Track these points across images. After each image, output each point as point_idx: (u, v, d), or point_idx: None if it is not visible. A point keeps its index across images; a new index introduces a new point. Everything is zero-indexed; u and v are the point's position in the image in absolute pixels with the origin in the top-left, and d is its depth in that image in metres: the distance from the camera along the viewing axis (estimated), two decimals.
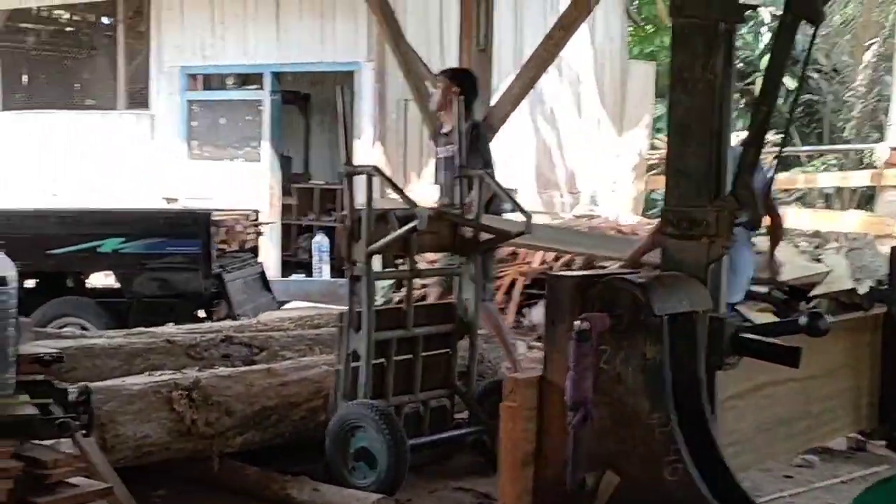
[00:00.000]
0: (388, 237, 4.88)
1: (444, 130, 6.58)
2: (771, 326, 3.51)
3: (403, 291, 9.35)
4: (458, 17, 8.78)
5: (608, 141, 16.10)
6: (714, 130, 3.12)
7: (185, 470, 4.90)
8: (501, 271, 9.81)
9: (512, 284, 9.63)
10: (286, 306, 10.63)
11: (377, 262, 5.00)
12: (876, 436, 5.07)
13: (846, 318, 4.72)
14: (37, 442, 3.56)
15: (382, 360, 5.03)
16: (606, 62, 16.28)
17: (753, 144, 3.07)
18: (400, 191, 5.05)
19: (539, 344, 8.81)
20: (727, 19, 3.06)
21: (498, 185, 5.40)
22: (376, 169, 4.98)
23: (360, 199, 4.92)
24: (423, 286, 9.73)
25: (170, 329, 5.99)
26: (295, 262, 13.25)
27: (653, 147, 16.92)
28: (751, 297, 6.78)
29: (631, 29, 20.01)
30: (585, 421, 2.75)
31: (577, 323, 2.75)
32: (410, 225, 4.82)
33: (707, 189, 3.11)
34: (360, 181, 4.97)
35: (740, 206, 3.11)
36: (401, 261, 5.23)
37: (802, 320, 3.15)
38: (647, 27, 21.84)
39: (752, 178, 3.12)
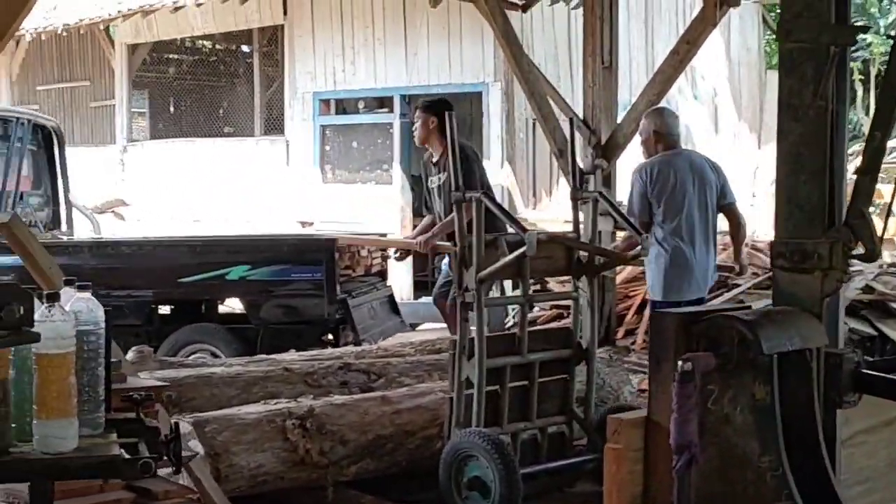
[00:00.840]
0: (499, 263, 4.83)
1: (434, 160, 7.04)
2: (894, 361, 3.31)
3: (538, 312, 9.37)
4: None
5: (746, 155, 15.72)
6: (827, 159, 2.94)
7: (300, 499, 4.91)
8: (632, 290, 9.66)
9: (643, 304, 9.46)
10: (419, 328, 10.69)
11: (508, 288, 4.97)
12: None
13: None
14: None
15: (497, 386, 4.96)
16: (743, 73, 15.92)
17: (868, 172, 2.89)
18: (509, 215, 4.99)
19: None
20: (838, 42, 2.89)
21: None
22: (485, 195, 4.93)
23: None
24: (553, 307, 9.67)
25: (288, 356, 6.05)
26: (431, 282, 13.29)
27: None
28: None
29: (769, 38, 19.54)
30: (690, 465, 2.60)
31: (680, 363, 2.61)
32: (520, 251, 4.76)
33: (820, 220, 2.94)
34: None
35: (855, 237, 2.93)
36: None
37: None
38: None
39: (867, 208, 2.95)
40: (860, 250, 2.92)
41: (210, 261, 7.65)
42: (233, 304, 8.55)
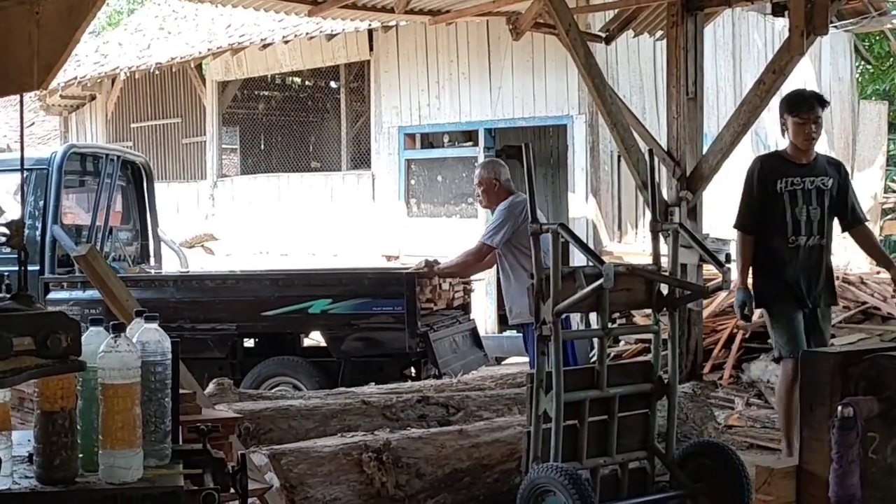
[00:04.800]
0: (576, 296, 4.76)
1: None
2: None
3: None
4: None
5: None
6: None
7: None
8: (720, 323, 9.50)
9: (731, 338, 9.29)
10: (505, 362, 10.62)
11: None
12: None
13: None
14: None
15: (575, 421, 4.89)
16: (836, 103, 15.62)
17: None
18: (586, 247, 4.93)
19: (757, 401, 8.44)
20: None
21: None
22: (562, 226, 4.88)
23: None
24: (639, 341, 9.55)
25: (367, 389, 6.05)
26: None
27: (888, 189, 16.08)
28: None
29: (861, 67, 19.18)
30: None
31: (840, 409, 2.37)
32: (597, 283, 4.69)
33: None
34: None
35: None
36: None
37: None
38: (881, 64, 20.86)
39: None
40: None
41: (292, 294, 7.71)
42: (316, 338, 8.61)
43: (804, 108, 6.10)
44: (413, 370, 7.99)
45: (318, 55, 14.61)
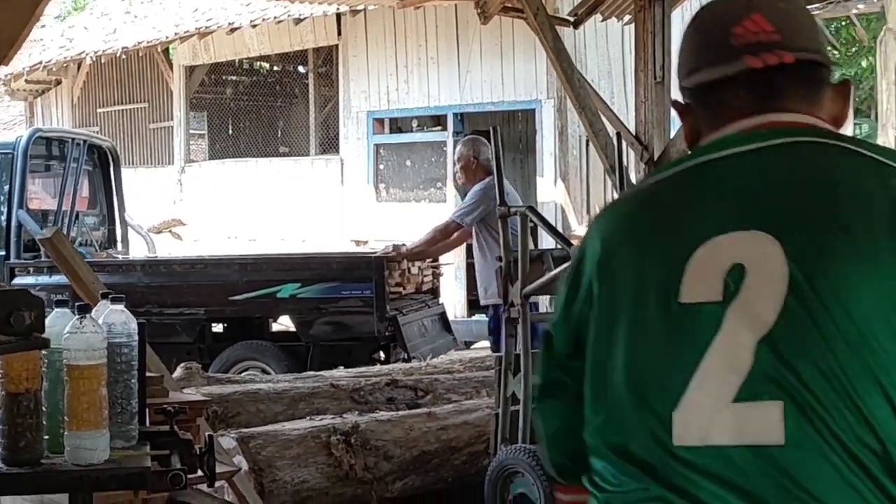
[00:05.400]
0: (545, 278, 4.79)
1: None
2: None
3: None
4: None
5: None
6: None
7: None
8: None
9: None
10: (474, 346, 10.63)
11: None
12: None
13: None
14: (194, 486, 3.63)
15: None
16: None
17: None
18: (554, 230, 4.95)
19: None
20: None
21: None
22: (531, 209, 4.90)
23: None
24: None
25: (336, 373, 6.05)
26: None
27: None
28: None
29: (830, 52, 19.29)
30: None
31: None
32: (565, 265, 4.71)
33: None
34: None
35: None
36: None
37: None
38: (847, 49, 21.01)
39: None
40: None
41: (261, 278, 7.70)
42: (285, 322, 8.59)
43: None
44: (382, 354, 8.00)
45: (286, 39, 14.55)
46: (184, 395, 3.89)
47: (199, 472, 2.92)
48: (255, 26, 14.15)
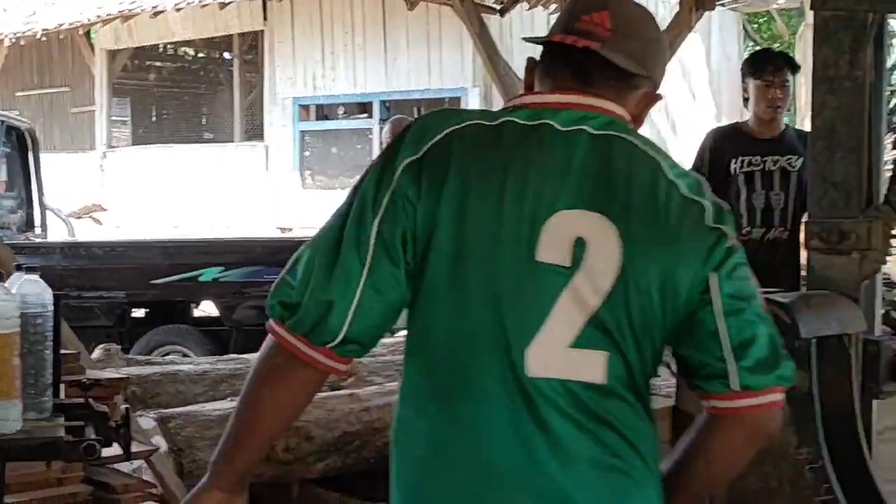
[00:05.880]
0: None
1: None
2: None
3: None
4: None
5: None
6: (864, 133, 2.78)
7: (265, 496, 4.87)
8: None
9: None
10: (399, 332, 10.64)
11: None
12: None
13: None
14: (111, 466, 3.58)
15: None
16: (724, 82, 15.97)
17: None
18: None
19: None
20: (876, 9, 2.73)
21: None
22: None
23: None
24: None
25: (257, 356, 6.00)
26: None
27: None
28: None
29: (750, 48, 19.60)
30: None
31: None
32: None
33: (857, 198, 2.76)
34: None
35: None
36: None
37: None
38: (769, 45, 21.36)
39: None
40: None
41: (183, 262, 7.61)
42: (210, 310, 8.52)
43: (769, 67, 4.91)
44: None
45: (211, 24, 14.41)
46: (101, 373, 3.84)
47: (115, 447, 2.91)
48: (179, 10, 13.99)
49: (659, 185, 1.69)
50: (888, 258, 5.98)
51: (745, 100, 5.00)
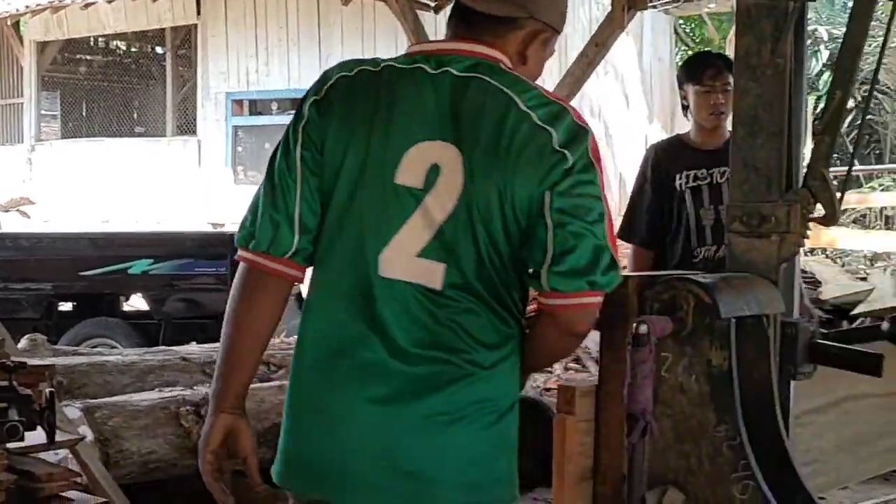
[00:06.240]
0: None
1: None
2: (849, 333, 3.21)
3: None
4: None
5: None
6: (785, 119, 2.83)
7: (195, 487, 4.83)
8: (532, 298, 9.71)
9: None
10: None
11: None
12: None
13: None
14: (34, 455, 3.53)
15: None
16: (656, 83, 16.15)
17: (827, 133, 2.80)
18: None
19: (575, 365, 8.68)
20: None
21: None
22: None
23: None
24: None
25: (188, 347, 5.96)
26: None
27: None
28: None
29: (684, 50, 19.85)
30: (645, 434, 2.47)
31: (634, 325, 2.47)
32: None
33: (778, 183, 2.80)
34: None
35: (814, 199, 2.83)
36: None
37: (884, 326, 2.89)
38: (700, 48, 21.63)
39: (827, 170, 2.85)
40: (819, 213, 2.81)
41: (111, 254, 7.53)
42: (140, 303, 8.43)
43: (708, 71, 4.39)
44: None
45: (143, 17, 14.25)
46: (26, 360, 3.78)
47: (39, 431, 2.88)
48: (111, 2, 13.83)
49: (508, 117, 1.92)
50: (813, 257, 6.12)
51: (685, 108, 4.52)
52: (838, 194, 2.85)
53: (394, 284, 1.96)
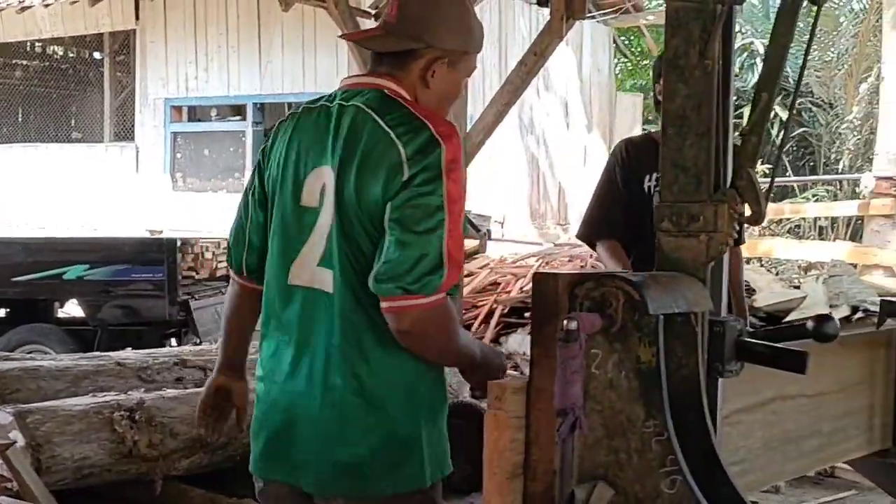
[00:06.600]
0: None
1: None
2: (776, 332, 3.27)
3: None
4: None
5: (597, 171, 16.06)
6: (713, 120, 2.88)
7: (130, 493, 4.80)
8: (481, 300, 9.75)
9: (490, 313, 9.56)
10: None
11: None
12: (891, 455, 4.84)
13: (858, 332, 4.45)
14: None
15: None
16: (595, 93, 16.31)
17: (754, 134, 2.85)
18: None
19: (514, 372, 8.72)
20: (724, 1, 2.85)
21: None
22: None
23: None
24: None
25: (123, 353, 5.91)
26: None
27: None
28: None
29: (623, 62, 20.07)
30: (574, 429, 2.50)
31: (564, 322, 2.50)
32: None
33: (706, 182, 2.85)
34: None
35: (742, 199, 2.89)
36: None
37: (809, 324, 2.95)
38: (638, 60, 21.88)
39: (753, 170, 2.91)
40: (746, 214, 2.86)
41: (46, 259, 7.44)
42: (76, 310, 8.34)
43: None
44: (175, 340, 7.85)
45: (81, 22, 14.11)
46: None
47: None
48: (47, 6, 13.68)
49: (373, 137, 2.23)
50: (748, 266, 6.21)
51: (658, 103, 4.34)
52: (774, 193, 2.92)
53: (300, 289, 2.34)
